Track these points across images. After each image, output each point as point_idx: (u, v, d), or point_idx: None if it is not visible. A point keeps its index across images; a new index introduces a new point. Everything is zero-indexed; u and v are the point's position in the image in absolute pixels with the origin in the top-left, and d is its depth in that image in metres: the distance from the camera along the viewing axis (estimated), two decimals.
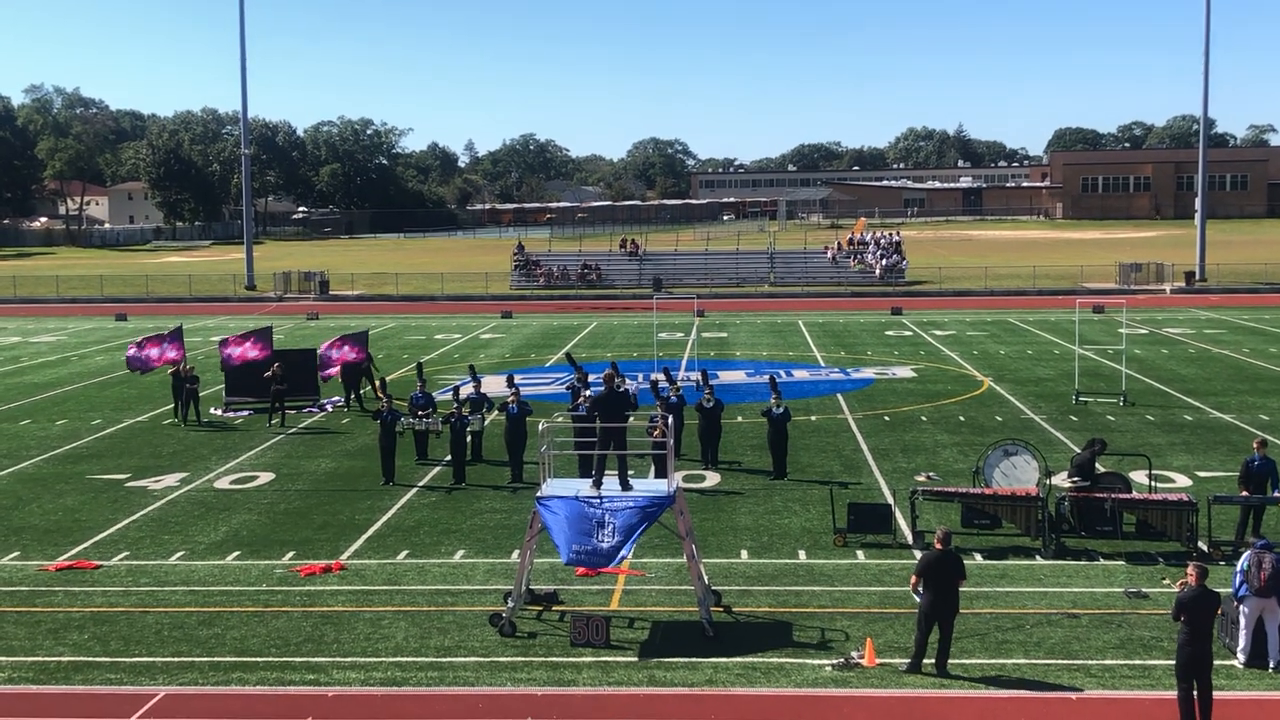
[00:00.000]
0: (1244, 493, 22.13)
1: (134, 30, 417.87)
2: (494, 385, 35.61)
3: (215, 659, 17.44)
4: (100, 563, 22.06)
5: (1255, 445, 22.74)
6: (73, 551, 22.81)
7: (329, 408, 37.32)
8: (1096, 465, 23.06)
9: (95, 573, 21.53)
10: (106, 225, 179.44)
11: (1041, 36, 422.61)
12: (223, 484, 28.13)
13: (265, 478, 28.65)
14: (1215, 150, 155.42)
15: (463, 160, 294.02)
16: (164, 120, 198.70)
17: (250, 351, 35.93)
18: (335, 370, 37.56)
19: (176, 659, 17.46)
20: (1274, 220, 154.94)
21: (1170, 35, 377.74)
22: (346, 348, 37.52)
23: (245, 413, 36.77)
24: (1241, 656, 16.69)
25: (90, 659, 17.54)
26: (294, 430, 34.34)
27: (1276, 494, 22.12)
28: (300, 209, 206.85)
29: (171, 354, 35.55)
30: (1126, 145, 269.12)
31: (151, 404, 37.72)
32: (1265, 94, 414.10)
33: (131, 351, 36.92)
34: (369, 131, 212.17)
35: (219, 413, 36.97)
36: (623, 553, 17.81)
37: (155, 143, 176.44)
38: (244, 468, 29.77)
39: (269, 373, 35.36)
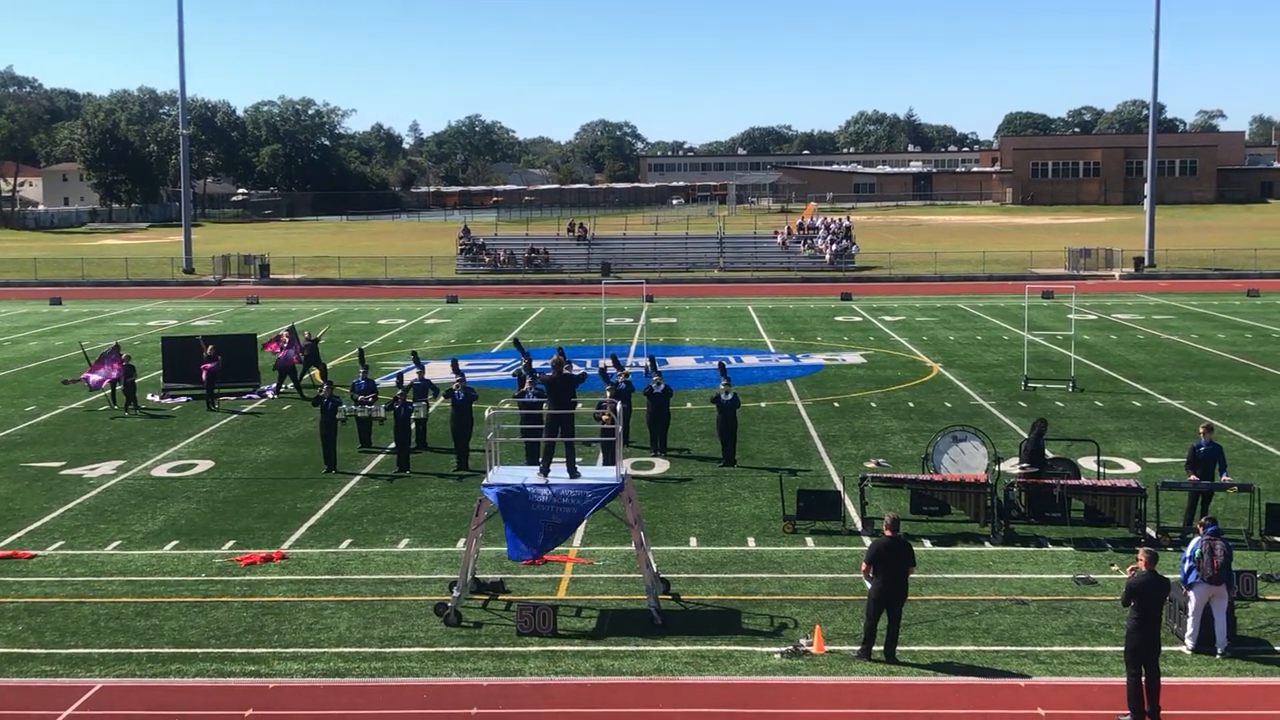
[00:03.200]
0: (1191, 478, 22.20)
1: (69, 7, 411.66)
2: (438, 371, 35.25)
3: (153, 650, 17.12)
4: (35, 552, 21.61)
5: (1202, 430, 22.80)
6: (6, 541, 22.32)
7: (269, 394, 36.81)
8: (1045, 451, 23.07)
9: (29, 563, 21.10)
10: (40, 207, 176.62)
11: (992, 20, 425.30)
12: (160, 472, 27.63)
13: (204, 465, 28.19)
14: (1165, 136, 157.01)
15: (407, 142, 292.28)
16: (100, 100, 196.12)
17: (112, 373, 34.98)
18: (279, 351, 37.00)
19: (113, 650, 17.13)
20: (1223, 206, 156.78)
21: (1120, 20, 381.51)
22: (292, 351, 36.89)
23: (184, 399, 36.20)
24: (1189, 643, 16.72)
25: (24, 650, 17.16)
26: (233, 416, 33.88)
27: (1224, 479, 22.22)
28: (240, 191, 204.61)
29: (114, 374, 34.83)
30: (1076, 130, 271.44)
31: (87, 390, 36.94)
32: (1214, 80, 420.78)
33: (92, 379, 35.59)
34: (311, 112, 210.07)
35: (156, 399, 36.38)
36: (561, 542, 18.44)
37: (91, 123, 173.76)
38: (182, 455, 29.28)
39: (205, 356, 34.98)
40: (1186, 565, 16.62)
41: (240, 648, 17.17)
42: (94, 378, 34.88)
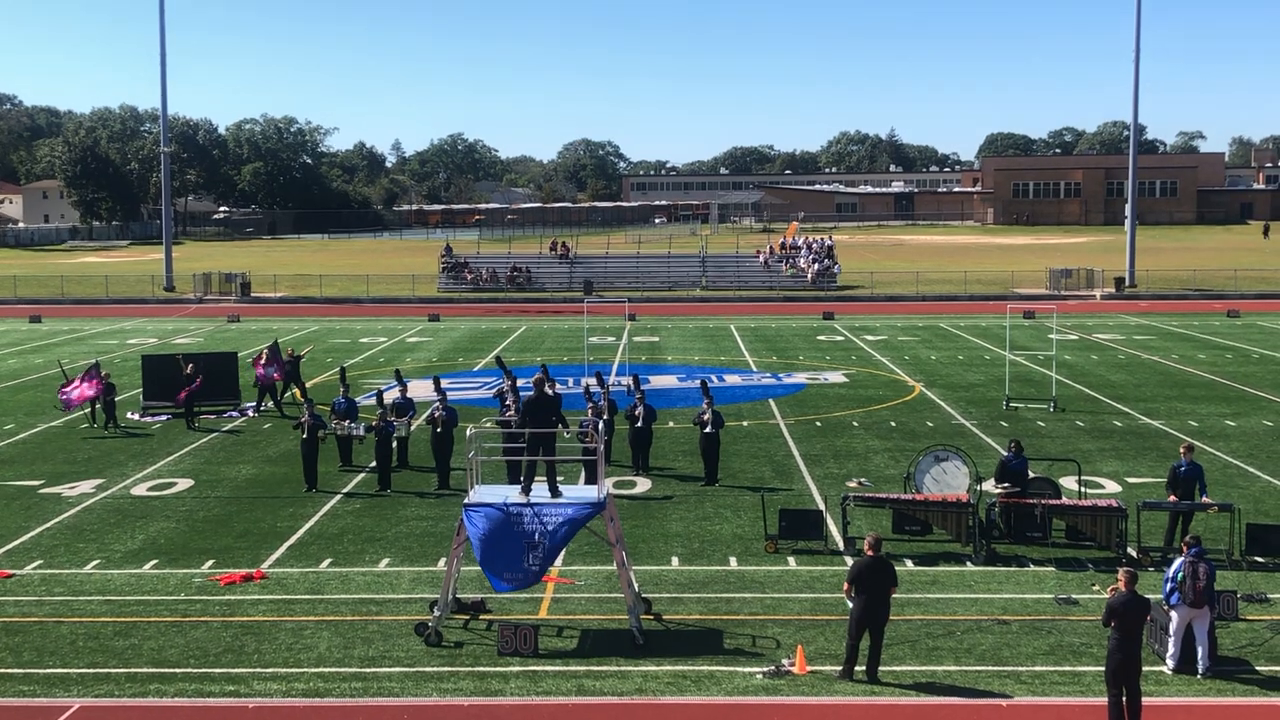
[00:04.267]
0: (1171, 498, 22.27)
1: (50, 24, 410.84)
2: (420, 390, 35.17)
3: (132, 670, 17.02)
4: (12, 572, 21.48)
5: (1182, 450, 22.88)
6: None
7: (250, 412, 36.66)
8: (1028, 470, 23.11)
9: (8, 582, 20.96)
10: (20, 224, 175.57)
11: (974, 42, 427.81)
12: (140, 490, 27.48)
13: (184, 484, 28.05)
14: (1145, 156, 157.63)
15: (390, 160, 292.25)
16: (81, 117, 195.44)
17: (88, 391, 34.79)
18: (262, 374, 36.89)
19: (92, 670, 17.03)
20: (1203, 226, 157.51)
21: (1101, 42, 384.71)
22: (273, 369, 36.77)
23: (163, 417, 36.04)
24: (1170, 663, 16.74)
25: (2, 670, 17.05)
26: (213, 435, 33.75)
27: (1204, 499, 22.29)
28: (221, 208, 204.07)
29: (90, 392, 34.67)
30: (1057, 151, 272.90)
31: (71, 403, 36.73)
32: (1194, 101, 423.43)
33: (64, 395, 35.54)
34: (293, 130, 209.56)
35: (136, 417, 36.21)
36: (549, 568, 18.21)
37: (72, 140, 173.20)
38: (162, 474, 29.14)
39: (185, 376, 34.92)
40: (1168, 586, 16.64)
41: (219, 668, 17.07)
42: (74, 395, 34.68)
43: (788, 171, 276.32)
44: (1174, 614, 16.57)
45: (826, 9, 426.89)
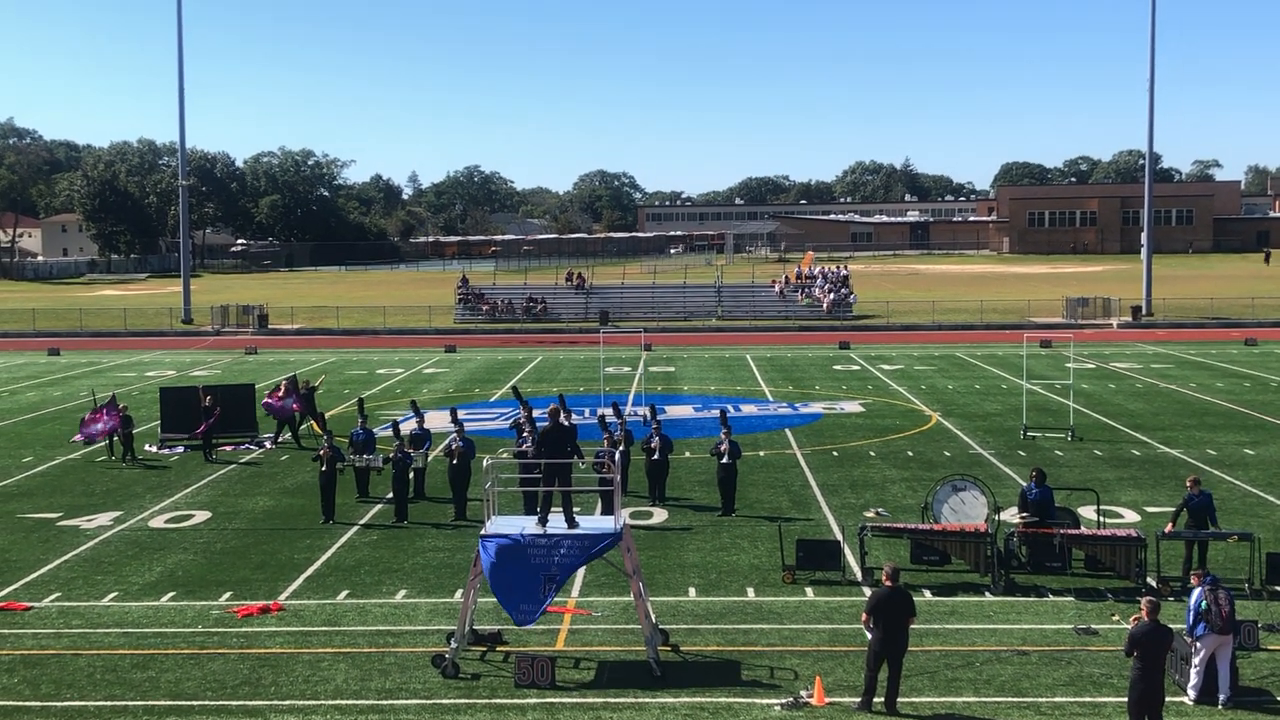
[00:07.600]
0: (1168, 526, 22.19)
1: (69, 59, 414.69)
2: (437, 420, 35.20)
3: (149, 703, 17.00)
4: (31, 604, 21.51)
5: (1189, 484, 22.65)
6: (3, 593, 22.22)
7: (267, 444, 36.72)
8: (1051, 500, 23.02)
9: (26, 614, 20.99)
10: (39, 258, 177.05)
11: (988, 71, 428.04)
12: (157, 523, 27.53)
13: (201, 516, 28.09)
14: (1161, 185, 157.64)
15: (406, 192, 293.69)
16: (99, 151, 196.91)
17: (110, 423, 34.94)
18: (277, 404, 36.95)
19: (109, 703, 17.01)
20: (1219, 255, 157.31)
21: (1116, 71, 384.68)
22: (290, 401, 36.87)
23: (180, 449, 36.12)
24: (1192, 693, 16.62)
25: (20, 703, 17.05)
26: (230, 466, 33.82)
27: (1223, 529, 22.16)
28: (239, 241, 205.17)
29: (111, 424, 34.85)
30: (1073, 180, 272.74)
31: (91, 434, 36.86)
32: (1210, 129, 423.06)
33: (80, 436, 35.83)
34: (310, 163, 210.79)
35: (154, 449, 36.30)
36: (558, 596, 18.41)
37: (90, 173, 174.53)
38: (179, 506, 29.19)
39: (204, 408, 35.02)
40: (1192, 616, 16.51)
41: (237, 700, 17.06)
42: (95, 430, 34.85)
43: (803, 201, 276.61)
44: (1199, 644, 16.45)
45: (841, 39, 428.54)
